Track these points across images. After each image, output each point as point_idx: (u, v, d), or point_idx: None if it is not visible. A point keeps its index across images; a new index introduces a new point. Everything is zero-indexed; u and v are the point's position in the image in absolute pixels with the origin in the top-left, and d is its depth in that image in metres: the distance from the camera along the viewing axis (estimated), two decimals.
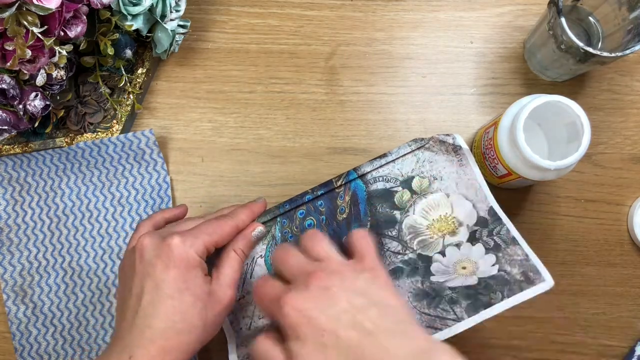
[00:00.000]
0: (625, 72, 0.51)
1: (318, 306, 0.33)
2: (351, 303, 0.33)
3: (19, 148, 0.51)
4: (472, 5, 0.53)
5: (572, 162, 0.39)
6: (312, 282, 0.34)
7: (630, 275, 0.50)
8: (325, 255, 0.37)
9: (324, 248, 0.37)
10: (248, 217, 0.43)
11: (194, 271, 0.38)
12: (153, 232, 0.39)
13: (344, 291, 0.34)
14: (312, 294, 0.34)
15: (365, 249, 0.37)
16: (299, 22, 0.53)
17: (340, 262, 0.36)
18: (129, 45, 0.49)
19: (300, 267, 0.36)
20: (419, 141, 0.45)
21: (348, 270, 0.35)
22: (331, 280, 0.34)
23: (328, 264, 0.36)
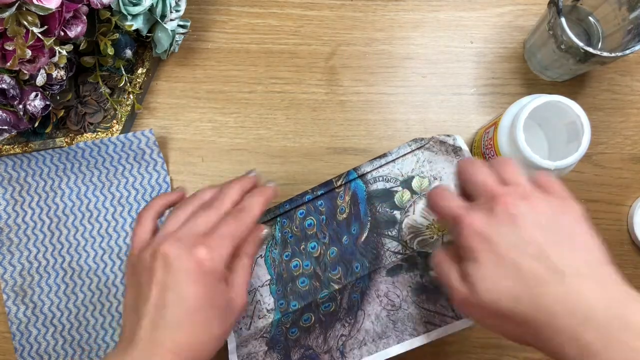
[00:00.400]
0: (625, 72, 0.51)
1: (501, 232, 0.31)
2: (539, 234, 0.30)
3: (19, 148, 0.51)
4: (472, 5, 0.53)
5: (572, 162, 0.40)
6: (497, 206, 0.32)
7: (630, 275, 0.50)
8: (515, 180, 0.34)
9: (516, 172, 0.34)
10: (260, 208, 0.40)
11: (219, 285, 0.36)
12: (174, 238, 0.37)
13: (532, 220, 0.31)
14: (497, 218, 0.31)
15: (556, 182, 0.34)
16: (299, 22, 0.53)
17: (530, 188, 0.33)
18: (129, 45, 0.49)
19: (487, 186, 0.33)
20: (419, 141, 0.45)
21: (539, 199, 0.32)
22: (519, 206, 0.31)
23: (516, 190, 0.33)
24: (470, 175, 0.35)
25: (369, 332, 0.42)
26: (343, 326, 0.43)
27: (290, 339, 0.43)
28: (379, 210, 0.45)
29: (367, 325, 0.42)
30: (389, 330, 0.42)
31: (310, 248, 0.45)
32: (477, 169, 0.35)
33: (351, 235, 0.45)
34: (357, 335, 0.42)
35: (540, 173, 0.35)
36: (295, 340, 0.43)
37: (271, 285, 0.45)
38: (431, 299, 0.41)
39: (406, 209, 0.45)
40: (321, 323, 0.43)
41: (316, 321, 0.43)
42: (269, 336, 0.43)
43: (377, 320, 0.42)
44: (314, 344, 0.43)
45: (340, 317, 0.43)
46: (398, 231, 0.44)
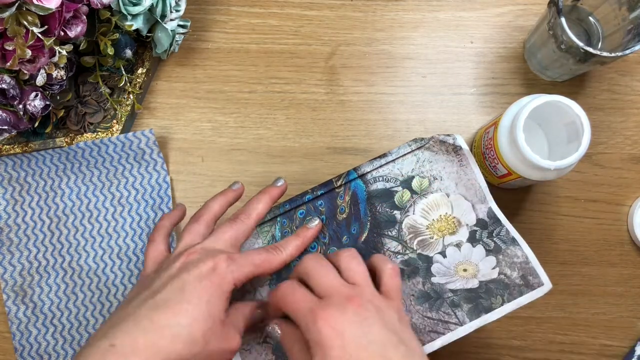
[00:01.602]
0: (625, 72, 0.51)
1: (353, 331, 0.33)
2: (382, 336, 0.33)
3: (19, 148, 0.51)
4: (472, 5, 0.53)
5: (572, 162, 0.39)
6: (350, 307, 0.34)
7: (630, 275, 0.50)
8: (363, 283, 0.37)
9: (363, 274, 0.37)
10: (299, 251, 0.42)
11: (222, 295, 0.37)
12: (202, 249, 0.39)
13: (378, 323, 0.34)
14: (349, 317, 0.34)
15: (396, 287, 0.38)
16: (299, 22, 0.53)
17: (374, 293, 0.37)
18: (129, 45, 0.49)
19: (337, 286, 0.36)
20: (419, 141, 0.45)
21: (382, 304, 0.36)
22: (368, 310, 0.34)
23: (364, 292, 0.36)
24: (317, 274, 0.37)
25: None
26: None
27: None
28: (379, 210, 0.45)
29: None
30: None
31: (310, 248, 0.45)
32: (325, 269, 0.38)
33: (351, 235, 0.44)
34: None
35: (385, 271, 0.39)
36: None
37: (271, 284, 0.44)
38: (434, 307, 0.41)
39: (406, 209, 0.45)
40: None
41: None
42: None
43: None
44: None
45: None
46: (398, 231, 0.44)
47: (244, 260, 0.39)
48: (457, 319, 0.40)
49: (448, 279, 0.42)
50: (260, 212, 0.43)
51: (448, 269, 0.43)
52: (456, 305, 0.41)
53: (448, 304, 0.41)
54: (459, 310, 0.41)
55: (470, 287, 0.41)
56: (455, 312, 0.41)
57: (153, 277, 0.38)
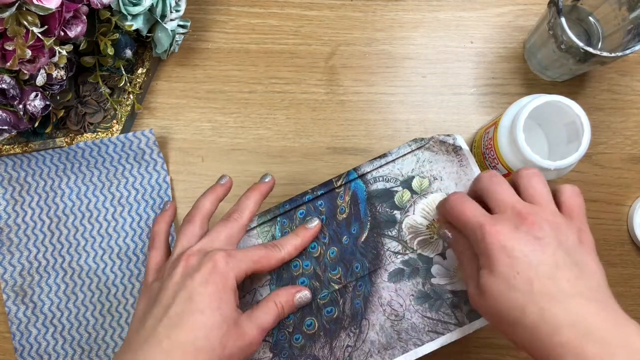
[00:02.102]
0: (625, 72, 0.51)
1: (523, 250, 0.32)
2: (555, 257, 0.32)
3: (19, 148, 0.51)
4: (472, 5, 0.53)
5: (572, 162, 0.39)
6: (523, 226, 0.33)
7: (630, 275, 0.50)
8: (541, 201, 0.35)
9: (542, 192, 0.36)
10: (297, 250, 0.42)
11: (229, 293, 0.37)
12: (198, 251, 0.39)
13: (551, 244, 0.33)
14: (521, 235, 0.33)
15: (578, 207, 0.36)
16: (299, 22, 0.53)
17: (554, 212, 0.35)
18: (129, 45, 0.49)
19: (512, 202, 0.35)
20: (419, 141, 0.45)
21: (561, 224, 0.34)
22: (543, 230, 0.33)
23: (542, 211, 0.34)
24: (492, 187, 0.36)
25: (374, 343, 0.42)
26: (348, 336, 0.43)
27: (295, 347, 0.43)
28: (379, 210, 0.45)
29: (372, 336, 0.42)
30: (394, 341, 0.42)
31: (310, 248, 0.45)
32: (500, 183, 0.36)
33: (351, 235, 0.45)
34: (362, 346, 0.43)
35: (565, 190, 0.37)
36: (300, 348, 0.43)
37: (271, 285, 0.45)
38: (433, 307, 0.41)
39: (406, 209, 0.45)
40: (325, 331, 0.43)
41: (320, 328, 0.43)
42: (272, 340, 0.43)
43: (382, 330, 0.42)
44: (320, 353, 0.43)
45: (345, 325, 0.43)
46: (398, 231, 0.44)
47: (242, 255, 0.39)
48: (456, 320, 0.41)
49: (448, 280, 0.42)
50: (252, 209, 0.43)
51: (448, 271, 0.43)
52: (456, 307, 0.41)
53: (448, 305, 0.41)
54: (459, 312, 0.41)
55: None
56: (454, 312, 0.41)
57: (158, 288, 0.38)
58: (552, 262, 0.32)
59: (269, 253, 0.40)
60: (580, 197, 0.37)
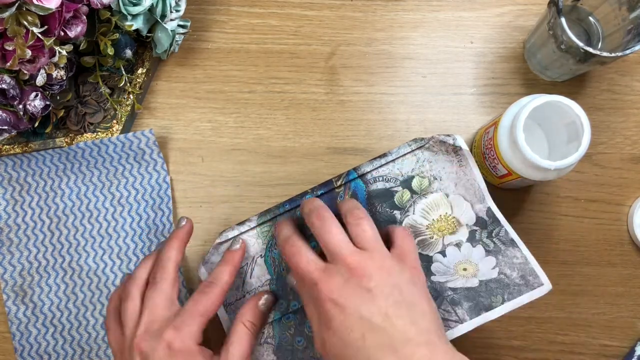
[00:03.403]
0: (625, 72, 0.51)
1: (354, 303, 0.33)
2: (386, 307, 0.33)
3: (19, 148, 0.51)
4: (472, 5, 0.53)
5: (572, 162, 0.40)
6: (353, 278, 0.34)
7: (630, 275, 0.50)
8: (372, 246, 0.36)
9: (372, 236, 0.36)
10: (232, 276, 0.41)
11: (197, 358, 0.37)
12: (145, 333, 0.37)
13: (383, 293, 0.34)
14: (352, 289, 0.34)
15: (409, 247, 0.37)
16: (299, 22, 0.53)
17: (385, 256, 0.36)
18: (129, 45, 0.49)
19: (344, 254, 0.35)
20: (419, 141, 0.45)
21: (391, 267, 0.35)
22: (373, 280, 0.34)
23: (372, 258, 0.35)
24: (324, 232, 0.37)
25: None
26: None
27: (298, 349, 0.43)
28: (379, 210, 0.45)
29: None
30: None
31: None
32: (331, 228, 0.37)
33: None
34: None
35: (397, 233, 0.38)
36: (303, 350, 0.43)
37: (271, 285, 0.44)
38: None
39: (406, 209, 0.45)
40: None
41: None
42: (275, 343, 0.43)
43: None
44: None
45: None
46: None
47: (187, 317, 0.37)
48: (457, 317, 0.41)
49: (448, 277, 0.42)
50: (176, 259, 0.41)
51: (448, 268, 0.43)
52: (456, 303, 0.41)
53: (448, 302, 0.41)
54: (459, 308, 0.41)
55: (470, 286, 0.41)
56: (455, 309, 0.41)
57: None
58: (384, 312, 0.33)
59: (208, 296, 0.39)
60: (410, 239, 0.38)
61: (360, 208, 0.38)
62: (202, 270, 0.44)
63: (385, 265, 0.35)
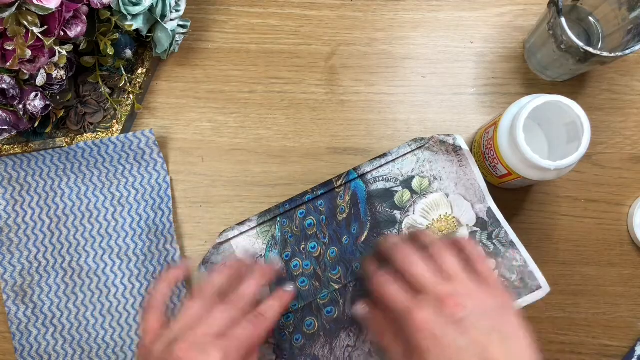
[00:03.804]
0: (625, 72, 0.51)
1: (449, 333, 0.33)
2: (483, 336, 0.33)
3: (19, 148, 0.51)
4: (472, 5, 0.53)
5: (572, 162, 0.39)
6: (446, 309, 0.34)
7: (630, 275, 0.50)
8: (455, 274, 0.36)
9: (454, 263, 0.37)
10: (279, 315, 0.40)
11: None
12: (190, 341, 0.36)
13: (476, 322, 0.34)
14: (445, 319, 0.34)
15: (490, 271, 0.37)
16: (299, 22, 0.53)
17: (470, 284, 0.36)
18: (129, 45, 0.49)
19: (431, 285, 0.36)
20: (419, 141, 0.45)
21: (480, 296, 0.35)
22: (465, 309, 0.34)
23: (459, 287, 0.35)
24: (408, 265, 0.37)
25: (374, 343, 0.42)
26: (348, 336, 0.43)
27: (296, 347, 0.43)
28: (379, 210, 0.45)
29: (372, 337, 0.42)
30: None
31: (310, 248, 0.45)
32: (416, 265, 0.37)
33: (351, 235, 0.45)
34: (362, 346, 0.43)
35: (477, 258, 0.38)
36: (300, 348, 0.43)
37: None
38: None
39: (406, 208, 0.45)
40: (325, 331, 0.43)
41: (320, 328, 0.43)
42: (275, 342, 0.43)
43: None
44: (320, 353, 0.43)
45: (345, 325, 0.43)
46: (398, 231, 0.44)
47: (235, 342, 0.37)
48: None
49: None
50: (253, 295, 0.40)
51: None
52: None
53: None
54: None
55: None
56: None
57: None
58: (480, 343, 0.33)
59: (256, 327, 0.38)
60: (486, 260, 0.38)
61: (438, 241, 0.39)
62: (202, 270, 0.44)
63: (472, 294, 0.35)
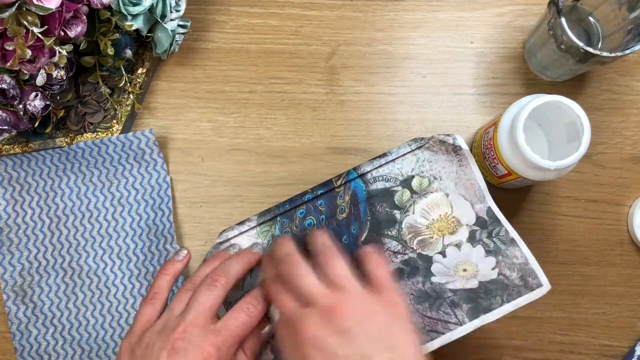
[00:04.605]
0: (625, 72, 0.51)
1: (334, 344, 0.33)
2: (363, 348, 0.33)
3: (19, 148, 0.51)
4: (472, 5, 0.53)
5: (572, 162, 0.39)
6: (330, 319, 0.34)
7: (630, 275, 0.50)
8: (343, 283, 0.36)
9: (342, 272, 0.36)
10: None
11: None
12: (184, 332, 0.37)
13: (362, 332, 0.33)
14: (329, 330, 0.33)
15: (384, 278, 0.37)
16: (299, 22, 0.53)
17: (360, 293, 0.35)
18: (129, 45, 0.49)
19: (317, 294, 0.35)
20: (419, 141, 0.45)
21: (367, 304, 0.35)
22: (350, 320, 0.34)
23: (347, 295, 0.35)
24: (295, 276, 0.37)
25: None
26: None
27: None
28: (379, 210, 0.45)
29: None
30: None
31: None
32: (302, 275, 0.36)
33: (351, 235, 0.45)
34: None
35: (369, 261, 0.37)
36: None
37: None
38: (434, 306, 0.41)
39: (406, 208, 0.45)
40: None
41: None
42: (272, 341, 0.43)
43: None
44: None
45: None
46: (398, 231, 0.44)
47: (229, 338, 0.38)
48: (456, 319, 0.41)
49: (448, 278, 0.42)
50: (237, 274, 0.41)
51: (448, 269, 0.43)
52: (456, 305, 0.41)
53: (448, 304, 0.41)
54: (459, 310, 0.41)
55: (469, 287, 0.41)
56: (454, 312, 0.41)
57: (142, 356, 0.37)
58: (364, 352, 0.33)
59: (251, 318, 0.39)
60: (383, 267, 0.37)
61: (330, 247, 0.38)
62: None
63: (360, 303, 0.35)
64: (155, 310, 0.40)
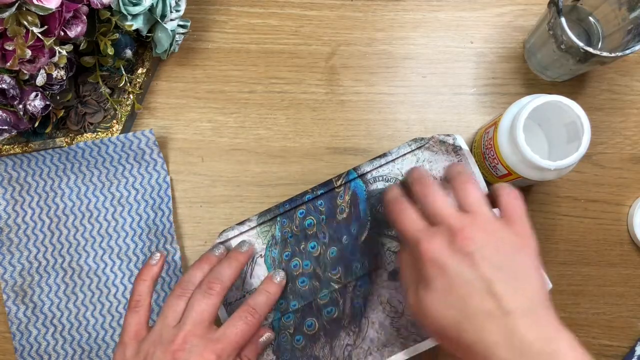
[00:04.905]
0: (625, 72, 0.51)
1: (456, 265, 0.32)
2: (492, 273, 0.32)
3: (19, 148, 0.51)
4: (472, 5, 0.53)
5: (572, 162, 0.40)
6: (457, 241, 0.33)
7: (630, 275, 0.50)
8: (476, 208, 0.35)
9: (476, 198, 0.35)
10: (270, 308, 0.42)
11: None
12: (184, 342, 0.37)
13: (486, 257, 0.32)
14: (454, 251, 0.33)
15: (518, 211, 0.35)
16: (299, 22, 0.53)
17: (489, 220, 0.34)
18: (129, 45, 0.49)
19: (446, 215, 0.34)
20: (419, 141, 0.45)
21: (496, 231, 0.34)
22: (475, 244, 0.33)
23: (476, 220, 0.34)
24: (427, 195, 0.36)
25: (374, 341, 0.42)
26: (348, 335, 0.43)
27: (297, 348, 0.43)
28: (378, 210, 0.45)
29: (372, 334, 0.42)
30: (393, 338, 0.42)
31: (310, 248, 0.45)
32: (435, 194, 0.36)
33: (351, 235, 0.45)
34: (362, 344, 0.43)
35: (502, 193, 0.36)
36: (301, 349, 0.43)
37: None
38: None
39: None
40: (326, 331, 0.43)
41: (320, 329, 0.43)
42: (274, 343, 0.43)
43: (381, 328, 0.42)
44: (321, 354, 0.43)
45: (345, 324, 0.43)
46: None
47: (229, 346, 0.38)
48: None
49: None
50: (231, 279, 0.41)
51: None
52: None
53: None
54: None
55: None
56: None
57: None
58: (486, 278, 0.32)
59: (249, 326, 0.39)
60: (518, 200, 0.36)
61: (465, 171, 0.37)
62: None
63: (488, 229, 0.34)
64: (141, 318, 0.40)
